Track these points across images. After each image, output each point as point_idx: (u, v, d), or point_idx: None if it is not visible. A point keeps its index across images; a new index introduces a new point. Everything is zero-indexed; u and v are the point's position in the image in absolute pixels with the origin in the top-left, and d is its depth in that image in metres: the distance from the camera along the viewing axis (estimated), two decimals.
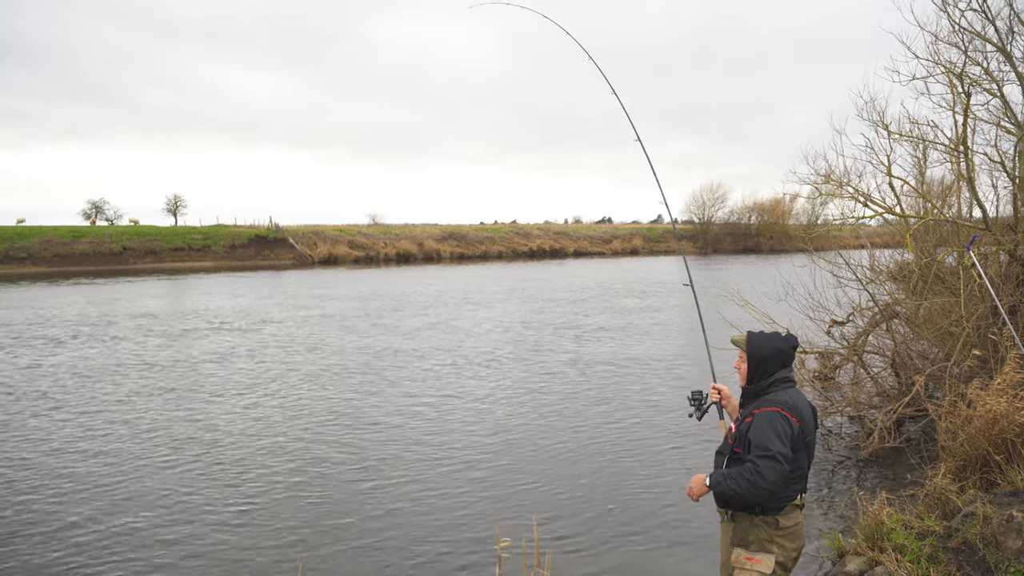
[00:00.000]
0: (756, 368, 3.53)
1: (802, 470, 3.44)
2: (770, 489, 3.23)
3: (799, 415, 3.37)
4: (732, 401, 3.86)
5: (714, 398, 3.86)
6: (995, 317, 7.84)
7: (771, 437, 3.26)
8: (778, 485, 3.25)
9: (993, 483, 5.71)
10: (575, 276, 37.99)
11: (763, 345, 3.53)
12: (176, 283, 34.90)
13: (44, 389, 11.89)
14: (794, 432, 3.33)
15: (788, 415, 3.33)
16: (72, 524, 6.62)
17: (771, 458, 3.23)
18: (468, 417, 10.12)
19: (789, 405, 3.37)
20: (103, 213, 63.40)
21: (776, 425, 3.29)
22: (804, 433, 3.39)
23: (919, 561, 4.61)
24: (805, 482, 3.51)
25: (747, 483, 3.25)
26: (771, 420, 3.32)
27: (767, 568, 3.38)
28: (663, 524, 6.59)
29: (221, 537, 6.36)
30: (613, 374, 12.85)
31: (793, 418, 3.34)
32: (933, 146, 9.34)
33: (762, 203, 70.09)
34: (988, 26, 8.25)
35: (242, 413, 10.39)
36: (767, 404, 3.40)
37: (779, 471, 3.22)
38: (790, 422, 3.33)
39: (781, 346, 3.53)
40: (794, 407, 3.37)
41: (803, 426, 3.38)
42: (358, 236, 56.72)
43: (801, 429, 3.37)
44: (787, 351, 3.54)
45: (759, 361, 3.52)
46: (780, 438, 3.26)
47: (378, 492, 7.41)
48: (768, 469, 3.21)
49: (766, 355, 3.51)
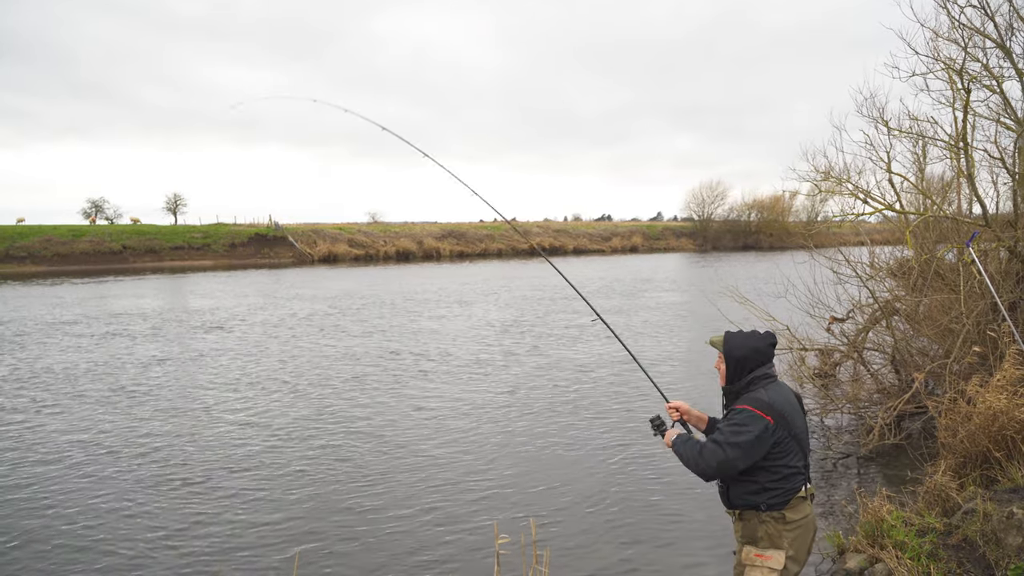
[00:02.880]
0: (734, 368, 3.56)
1: (795, 465, 3.43)
2: (706, 471, 3.43)
3: (775, 412, 3.38)
4: (693, 412, 3.87)
5: (674, 417, 3.86)
6: (995, 313, 7.84)
7: (731, 430, 3.37)
8: (716, 471, 3.41)
9: (993, 480, 5.71)
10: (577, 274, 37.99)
11: (739, 345, 3.56)
12: (175, 281, 34.90)
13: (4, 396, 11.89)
14: (766, 430, 3.35)
15: (760, 413, 3.36)
16: (65, 526, 6.62)
17: (719, 445, 3.37)
18: (466, 415, 10.11)
19: (763, 403, 3.39)
20: (103, 212, 63.45)
21: (741, 420, 3.38)
22: (787, 428, 3.39)
23: (919, 558, 4.60)
24: (807, 473, 3.51)
25: (693, 455, 3.46)
26: (739, 416, 3.40)
27: (778, 564, 3.40)
28: (662, 521, 6.59)
29: (218, 538, 6.35)
30: (611, 372, 12.84)
31: (766, 416, 3.36)
32: (933, 142, 9.33)
33: (762, 200, 70.15)
34: (987, 22, 8.23)
35: (240, 413, 10.38)
36: (742, 401, 3.46)
37: (720, 458, 3.35)
38: (760, 419, 3.35)
39: (757, 345, 3.54)
40: (769, 405, 3.39)
41: (784, 422, 3.39)
42: (358, 234, 56.72)
43: (781, 425, 3.38)
44: (764, 349, 3.55)
45: (736, 361, 3.54)
46: (739, 431, 3.35)
47: (375, 490, 7.40)
48: (711, 453, 3.38)
49: (742, 355, 3.53)
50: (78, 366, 13.70)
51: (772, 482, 3.41)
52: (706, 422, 3.88)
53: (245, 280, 35.15)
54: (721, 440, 3.37)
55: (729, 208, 71.92)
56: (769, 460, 3.39)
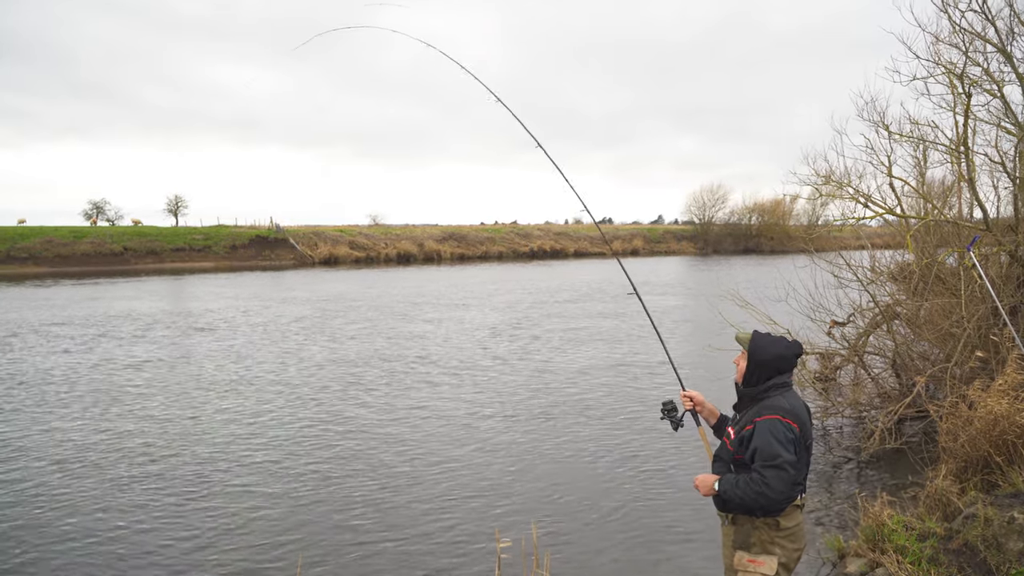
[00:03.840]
0: (754, 370, 3.50)
1: (798, 475, 3.43)
2: (777, 498, 3.27)
3: (798, 419, 3.37)
4: (707, 405, 3.84)
5: (687, 406, 3.83)
6: (996, 318, 7.84)
7: (775, 446, 3.27)
8: (785, 493, 3.27)
9: (994, 484, 5.70)
10: (574, 277, 37.98)
11: (765, 349, 3.49)
12: (175, 283, 34.91)
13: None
14: (796, 437, 3.33)
15: (789, 421, 3.33)
16: (63, 528, 6.61)
17: (777, 467, 3.25)
18: (465, 419, 10.11)
19: (788, 411, 3.36)
20: (104, 213, 63.49)
21: (779, 433, 3.30)
22: (804, 436, 3.39)
23: (920, 563, 4.60)
24: (805, 483, 3.51)
25: (755, 493, 3.27)
26: (773, 428, 3.31)
27: (770, 570, 3.39)
28: (662, 524, 6.58)
29: (217, 540, 6.35)
30: (609, 376, 12.84)
31: (794, 424, 3.34)
32: (934, 147, 9.35)
33: (763, 204, 70.12)
34: (988, 27, 8.25)
35: (238, 415, 10.38)
36: (768, 411, 3.38)
37: (786, 480, 3.24)
38: (792, 428, 3.32)
39: (783, 353, 3.49)
40: (793, 412, 3.36)
41: (803, 430, 3.38)
42: (359, 237, 56.73)
43: (801, 433, 3.37)
44: (789, 358, 3.50)
45: (759, 364, 3.48)
46: (784, 445, 3.27)
47: (376, 494, 7.39)
48: (775, 479, 3.24)
49: (766, 359, 3.47)
50: (53, 371, 13.70)
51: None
52: (717, 416, 3.83)
53: (245, 282, 35.16)
54: (778, 462, 3.25)
55: (730, 211, 71.98)
56: None
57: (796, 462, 3.29)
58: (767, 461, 3.26)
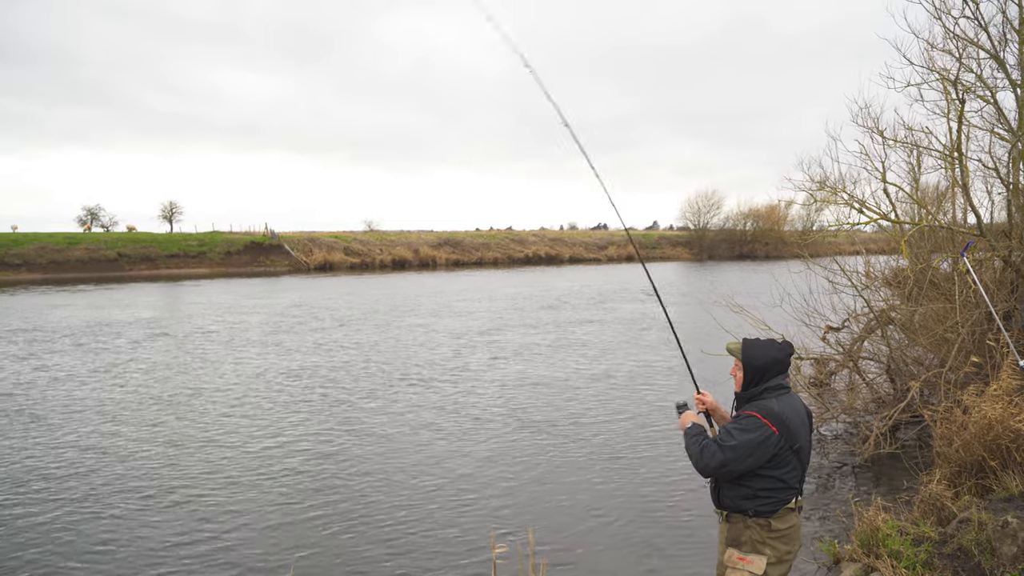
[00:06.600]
0: (752, 376, 3.55)
1: (791, 478, 3.45)
2: (704, 470, 3.49)
3: (782, 423, 3.39)
4: (720, 409, 3.86)
5: (699, 408, 3.86)
6: (990, 323, 7.87)
7: (735, 433, 3.41)
8: (713, 471, 3.47)
9: (988, 489, 5.71)
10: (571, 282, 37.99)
11: (760, 354, 3.54)
12: (170, 290, 34.82)
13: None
14: (768, 439, 3.35)
15: (767, 421, 3.37)
16: (62, 530, 6.58)
17: (720, 447, 3.41)
18: (460, 425, 10.09)
19: (771, 412, 3.40)
20: (98, 219, 63.27)
21: (745, 426, 3.41)
22: (790, 440, 3.41)
23: (915, 567, 4.61)
24: (800, 487, 3.52)
25: (696, 451, 3.50)
26: (744, 421, 3.44)
27: (758, 569, 3.42)
28: (660, 530, 6.57)
29: (215, 543, 6.32)
30: (605, 382, 12.84)
31: (772, 426, 3.37)
32: (928, 152, 9.39)
33: (758, 209, 70.23)
34: (981, 33, 8.31)
35: (236, 418, 10.35)
36: (751, 408, 3.48)
37: (719, 460, 3.40)
38: (765, 428, 3.36)
39: (776, 355, 3.54)
40: (777, 416, 3.39)
41: (788, 434, 3.40)
42: (354, 243, 56.64)
43: (785, 437, 3.38)
44: (783, 360, 3.55)
45: (755, 369, 3.53)
46: (742, 435, 3.39)
47: (372, 499, 7.37)
48: (711, 455, 3.43)
49: (763, 364, 3.52)
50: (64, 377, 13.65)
51: (764, 490, 3.43)
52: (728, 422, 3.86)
53: (238, 288, 35.08)
54: (722, 443, 3.41)
55: (725, 217, 72.07)
56: (765, 469, 3.41)
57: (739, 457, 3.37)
58: (720, 440, 3.44)
